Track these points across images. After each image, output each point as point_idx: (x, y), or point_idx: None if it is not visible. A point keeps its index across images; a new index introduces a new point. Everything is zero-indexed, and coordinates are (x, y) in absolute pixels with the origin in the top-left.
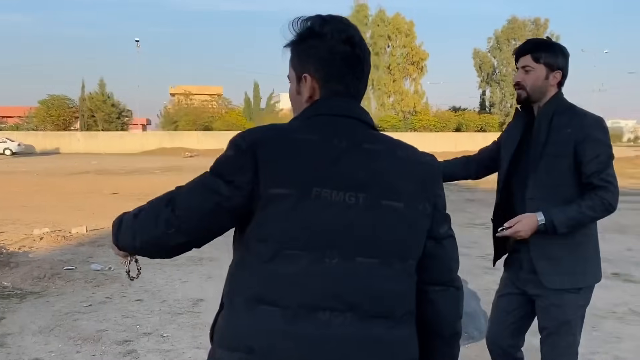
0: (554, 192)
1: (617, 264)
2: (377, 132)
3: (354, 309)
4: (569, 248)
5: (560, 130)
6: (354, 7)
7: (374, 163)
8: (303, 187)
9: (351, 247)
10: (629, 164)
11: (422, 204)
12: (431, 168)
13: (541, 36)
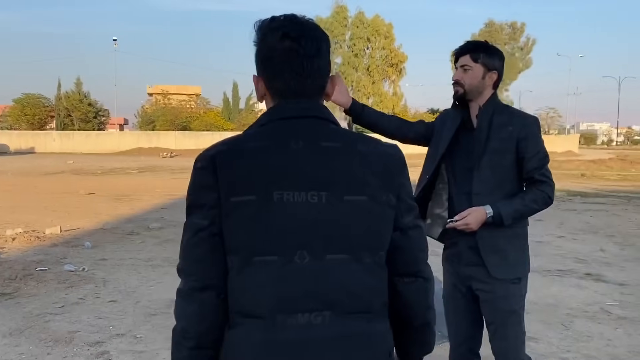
0: (498, 187)
1: (590, 265)
2: (337, 127)
3: (332, 306)
4: (511, 240)
5: (502, 128)
6: (333, 9)
7: (333, 160)
8: (263, 192)
9: (320, 245)
10: (603, 166)
11: (385, 195)
12: (394, 159)
13: (517, 40)
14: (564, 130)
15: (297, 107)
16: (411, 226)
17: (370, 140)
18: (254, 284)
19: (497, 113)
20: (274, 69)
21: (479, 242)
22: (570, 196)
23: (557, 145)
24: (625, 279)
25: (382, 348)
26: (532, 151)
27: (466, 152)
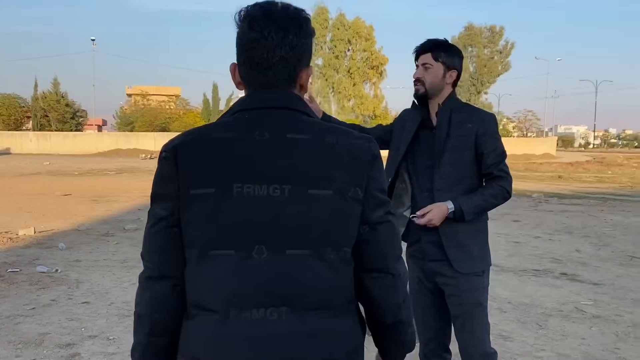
0: (459, 183)
1: (566, 265)
2: (309, 118)
3: (289, 303)
4: (473, 234)
5: (461, 125)
6: (314, 10)
7: (299, 152)
8: (223, 185)
9: (280, 240)
10: (580, 168)
11: (352, 189)
12: (363, 152)
13: (496, 44)
14: (542, 133)
15: (266, 98)
16: (381, 221)
17: (341, 133)
18: (210, 278)
19: (456, 111)
20: (242, 58)
21: (443, 238)
22: (547, 197)
23: (535, 147)
24: (600, 279)
25: (342, 346)
26: (490, 147)
27: (427, 150)
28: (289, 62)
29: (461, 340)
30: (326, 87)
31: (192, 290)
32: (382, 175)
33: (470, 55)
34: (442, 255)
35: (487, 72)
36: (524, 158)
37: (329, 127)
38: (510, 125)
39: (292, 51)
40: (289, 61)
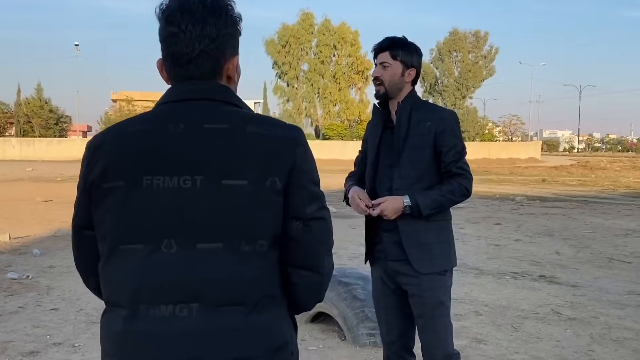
0: (418, 182)
1: (545, 267)
2: (231, 107)
3: (200, 299)
4: (435, 234)
5: (420, 123)
6: (300, 15)
7: (214, 142)
8: (132, 177)
9: (190, 233)
10: (564, 172)
11: (269, 179)
12: (285, 141)
13: (481, 49)
14: (527, 138)
15: (186, 89)
16: (314, 217)
17: (265, 122)
18: (119, 273)
19: (416, 109)
20: (165, 54)
21: (402, 237)
22: (530, 200)
23: (520, 152)
24: (578, 281)
25: (260, 344)
26: (449, 145)
27: (388, 150)
28: (210, 55)
29: (424, 340)
30: (312, 92)
31: (105, 286)
32: (311, 166)
33: (455, 60)
34: (403, 255)
35: (472, 76)
36: (509, 162)
37: (252, 116)
38: (496, 130)
39: (212, 43)
40: (210, 54)
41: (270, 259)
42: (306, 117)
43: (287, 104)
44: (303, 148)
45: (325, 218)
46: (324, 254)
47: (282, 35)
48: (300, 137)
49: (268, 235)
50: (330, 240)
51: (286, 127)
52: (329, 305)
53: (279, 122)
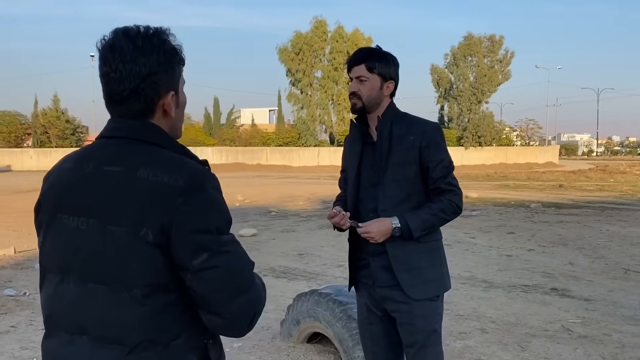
0: (405, 202)
1: (557, 279)
2: (146, 148)
3: (87, 333)
4: (426, 256)
5: (403, 138)
6: (312, 23)
7: (107, 186)
8: (52, 213)
9: (82, 272)
10: (582, 176)
11: (142, 230)
12: (167, 190)
13: (496, 53)
14: (544, 142)
15: (110, 127)
16: (203, 267)
17: (157, 166)
18: (42, 298)
19: (396, 122)
20: (103, 92)
21: (392, 261)
22: (545, 207)
23: (538, 156)
24: (591, 294)
25: None
26: (435, 160)
27: (370, 167)
28: (141, 95)
29: None
30: (326, 98)
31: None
32: (201, 214)
33: (470, 64)
34: (392, 280)
35: (488, 81)
36: (526, 167)
37: (150, 160)
38: (513, 135)
39: (143, 83)
40: (141, 94)
41: (152, 306)
42: (320, 123)
43: (301, 111)
44: (186, 197)
45: (219, 266)
46: (226, 299)
47: (296, 43)
48: (184, 185)
49: (143, 284)
50: (235, 282)
51: (176, 172)
52: (325, 326)
53: (170, 166)
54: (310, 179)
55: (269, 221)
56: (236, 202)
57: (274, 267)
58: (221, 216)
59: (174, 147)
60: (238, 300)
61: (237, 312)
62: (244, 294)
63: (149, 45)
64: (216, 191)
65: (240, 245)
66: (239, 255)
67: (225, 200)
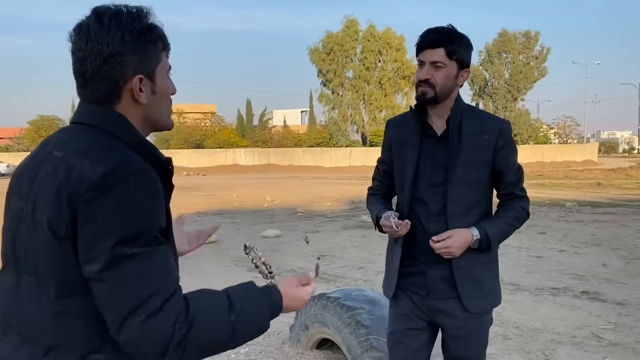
0: (475, 207)
1: (589, 282)
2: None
3: (12, 328)
4: (487, 267)
5: (475, 136)
6: (344, 23)
7: (45, 171)
8: (8, 196)
9: (18, 262)
10: (622, 174)
11: (57, 223)
12: (84, 182)
13: (532, 49)
14: (583, 139)
15: (75, 112)
16: (92, 279)
17: (87, 154)
18: None
19: (466, 117)
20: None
21: (456, 272)
22: (581, 206)
23: (576, 154)
24: (625, 297)
25: None
26: (510, 163)
27: (430, 164)
28: (104, 76)
29: None
30: (357, 98)
31: None
32: (106, 216)
33: (505, 61)
34: (450, 293)
35: (523, 78)
36: (564, 165)
37: (87, 148)
38: (551, 132)
39: (106, 64)
40: (104, 75)
41: (66, 308)
42: (352, 124)
43: (332, 112)
44: (95, 193)
45: (106, 280)
46: (113, 321)
47: (327, 43)
48: (103, 178)
49: (58, 282)
50: (128, 306)
51: (99, 163)
52: (333, 332)
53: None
54: (341, 179)
55: (295, 222)
56: (265, 203)
57: (293, 269)
58: (134, 223)
59: (128, 138)
60: (130, 326)
61: (130, 338)
62: (140, 322)
63: (115, 23)
64: (140, 193)
65: (160, 259)
66: (143, 272)
67: (152, 203)
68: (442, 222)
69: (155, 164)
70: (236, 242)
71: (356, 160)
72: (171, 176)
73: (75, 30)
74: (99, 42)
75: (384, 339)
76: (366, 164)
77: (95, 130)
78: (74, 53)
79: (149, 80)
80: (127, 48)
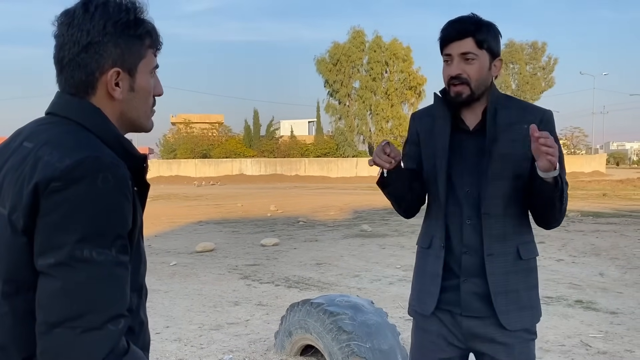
0: (512, 206)
1: (584, 291)
2: (58, 127)
3: None
4: (524, 276)
5: (513, 126)
6: (350, 33)
7: (13, 162)
8: None
9: None
10: (630, 185)
11: (15, 213)
12: (48, 171)
13: (539, 60)
14: (591, 150)
15: (51, 102)
16: (43, 272)
17: (58, 146)
18: None
19: (502, 107)
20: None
21: (490, 281)
22: (583, 216)
23: (584, 165)
24: (619, 307)
25: None
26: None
27: (461, 157)
28: (80, 65)
29: None
30: (364, 109)
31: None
32: (69, 209)
33: (512, 72)
34: (487, 311)
35: (530, 88)
36: (572, 176)
37: (57, 139)
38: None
39: (84, 52)
40: (80, 64)
41: (11, 307)
42: (358, 134)
43: (339, 122)
44: (61, 184)
45: (56, 276)
46: (44, 322)
47: (333, 54)
48: (71, 169)
49: (6, 278)
50: (63, 308)
51: (68, 154)
52: (315, 338)
53: (75, 147)
54: (346, 189)
55: (295, 231)
56: (268, 213)
57: (288, 277)
58: (97, 221)
59: (102, 132)
60: (61, 334)
61: (54, 347)
62: (75, 332)
63: (100, 12)
64: (108, 190)
65: (117, 275)
66: (97, 282)
67: (120, 203)
68: (476, 225)
69: (130, 161)
70: (233, 250)
71: (363, 171)
72: (145, 174)
73: (61, 15)
74: (80, 29)
75: (366, 345)
76: (372, 174)
77: (68, 122)
78: (56, 37)
79: (128, 76)
80: (107, 39)
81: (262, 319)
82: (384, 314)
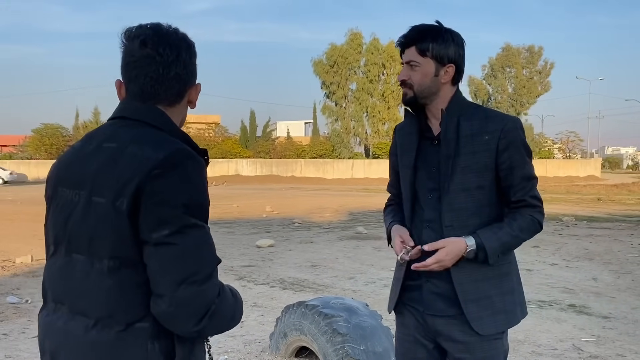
0: (475, 216)
1: (577, 295)
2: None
3: (65, 303)
4: (497, 282)
5: (475, 136)
6: (348, 36)
7: (100, 160)
8: (54, 187)
9: (69, 243)
10: (624, 190)
11: (119, 199)
12: (146, 161)
13: (535, 64)
14: (586, 155)
15: (119, 108)
16: (160, 242)
17: (145, 143)
18: (45, 270)
19: (466, 117)
20: (132, 74)
21: (458, 289)
22: (577, 221)
23: (579, 169)
24: (611, 311)
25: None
26: (519, 166)
27: (427, 169)
28: (180, 79)
29: None
30: (360, 111)
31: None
32: (172, 188)
33: (508, 76)
34: (449, 311)
35: (527, 92)
36: (567, 180)
37: (141, 138)
38: (554, 147)
39: (184, 69)
40: (180, 78)
41: (118, 281)
42: (354, 136)
43: (335, 124)
44: (162, 169)
45: (175, 244)
46: (173, 282)
47: (331, 56)
48: (169, 157)
49: (111, 255)
50: (188, 268)
51: (161, 148)
52: (310, 339)
53: (158, 142)
54: (342, 191)
55: (290, 232)
56: (263, 214)
57: (283, 279)
58: (193, 197)
59: (171, 131)
60: (186, 289)
61: (181, 300)
62: (196, 285)
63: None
64: (197, 173)
65: (210, 238)
66: (202, 243)
67: (206, 187)
68: (437, 231)
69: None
70: (229, 251)
71: (358, 172)
72: (207, 165)
73: (158, 37)
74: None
75: (360, 347)
76: (368, 176)
77: (142, 123)
78: (154, 57)
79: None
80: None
81: (257, 320)
82: (378, 316)
